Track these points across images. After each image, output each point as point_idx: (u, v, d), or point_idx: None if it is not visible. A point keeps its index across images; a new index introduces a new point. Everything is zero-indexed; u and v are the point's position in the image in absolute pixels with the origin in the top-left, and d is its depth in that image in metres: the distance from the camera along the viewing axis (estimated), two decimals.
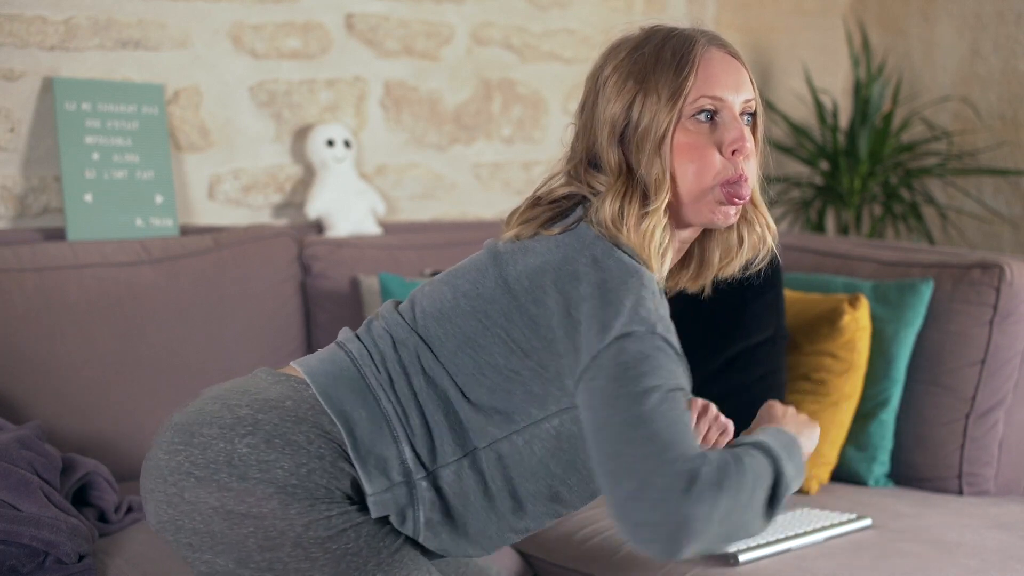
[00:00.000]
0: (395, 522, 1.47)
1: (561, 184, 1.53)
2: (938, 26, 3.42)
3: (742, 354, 2.31)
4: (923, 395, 2.41)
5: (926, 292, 2.41)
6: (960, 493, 2.37)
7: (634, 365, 1.33)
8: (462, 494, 1.48)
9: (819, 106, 3.45)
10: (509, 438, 1.47)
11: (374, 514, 1.45)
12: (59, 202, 2.58)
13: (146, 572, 1.86)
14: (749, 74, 1.51)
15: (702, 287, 1.66)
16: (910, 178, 3.36)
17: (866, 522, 2.08)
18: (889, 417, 2.41)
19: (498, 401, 1.46)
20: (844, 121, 3.59)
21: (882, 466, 2.41)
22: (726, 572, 1.87)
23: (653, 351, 1.34)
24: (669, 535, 1.26)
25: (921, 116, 3.42)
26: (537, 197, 1.53)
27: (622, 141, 1.49)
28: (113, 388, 2.33)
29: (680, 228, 1.52)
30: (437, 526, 1.48)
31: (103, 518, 2.02)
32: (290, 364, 1.56)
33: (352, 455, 1.44)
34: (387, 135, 3.04)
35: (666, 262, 1.48)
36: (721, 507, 1.27)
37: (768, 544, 1.93)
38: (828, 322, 2.39)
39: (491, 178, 3.24)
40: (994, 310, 2.36)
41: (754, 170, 1.51)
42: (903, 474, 2.43)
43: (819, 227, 3.47)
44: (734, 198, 1.47)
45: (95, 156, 2.56)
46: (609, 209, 1.45)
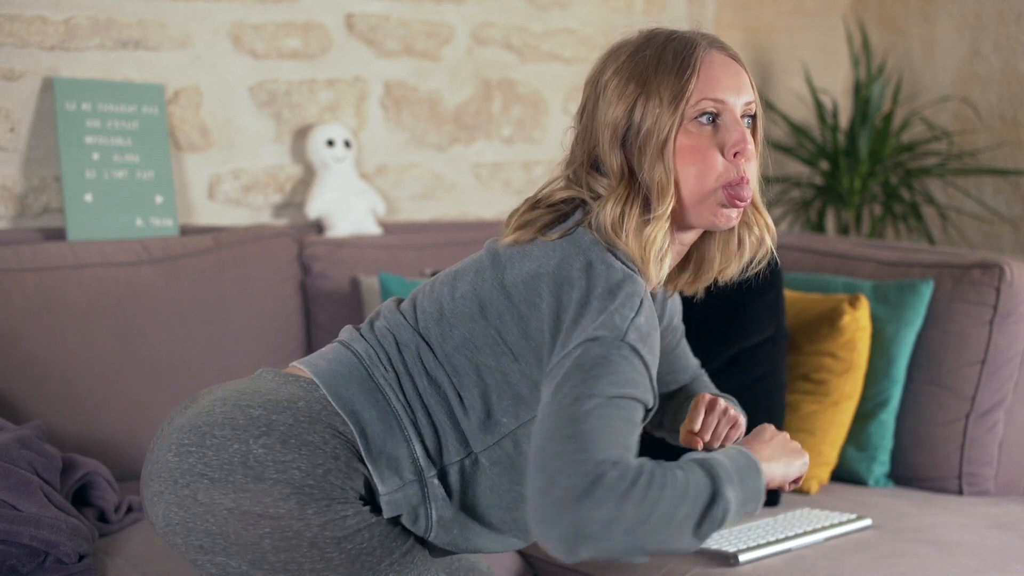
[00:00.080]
0: (407, 521, 1.47)
1: (560, 188, 1.53)
2: (938, 26, 3.41)
3: (742, 354, 2.31)
4: (923, 395, 2.41)
5: (926, 292, 2.41)
6: (960, 493, 2.37)
7: (590, 367, 1.33)
8: (469, 490, 1.49)
9: (819, 106, 3.45)
10: (499, 443, 1.48)
11: (386, 514, 1.46)
12: (59, 202, 2.58)
13: (146, 572, 1.86)
14: (749, 77, 1.51)
15: (696, 292, 1.66)
16: (910, 178, 3.36)
17: (866, 522, 2.08)
18: (889, 417, 2.41)
19: (490, 405, 1.48)
20: (844, 121, 3.59)
21: (882, 466, 2.41)
22: (726, 572, 1.87)
23: (616, 357, 1.34)
24: (563, 535, 1.26)
25: (921, 116, 3.42)
26: (536, 199, 1.53)
27: (624, 144, 1.49)
28: (113, 388, 2.33)
29: (681, 231, 1.52)
30: (449, 522, 1.49)
31: (103, 518, 2.02)
32: (292, 364, 1.56)
33: (364, 455, 1.45)
34: (387, 135, 3.04)
35: (665, 266, 1.48)
36: (627, 517, 1.25)
37: (768, 544, 1.93)
38: (828, 322, 2.39)
39: (491, 178, 3.24)
40: (994, 310, 2.36)
41: (754, 172, 1.51)
42: (903, 474, 2.43)
43: (819, 227, 3.47)
44: (736, 200, 1.47)
45: (95, 156, 2.56)
46: (610, 214, 1.45)
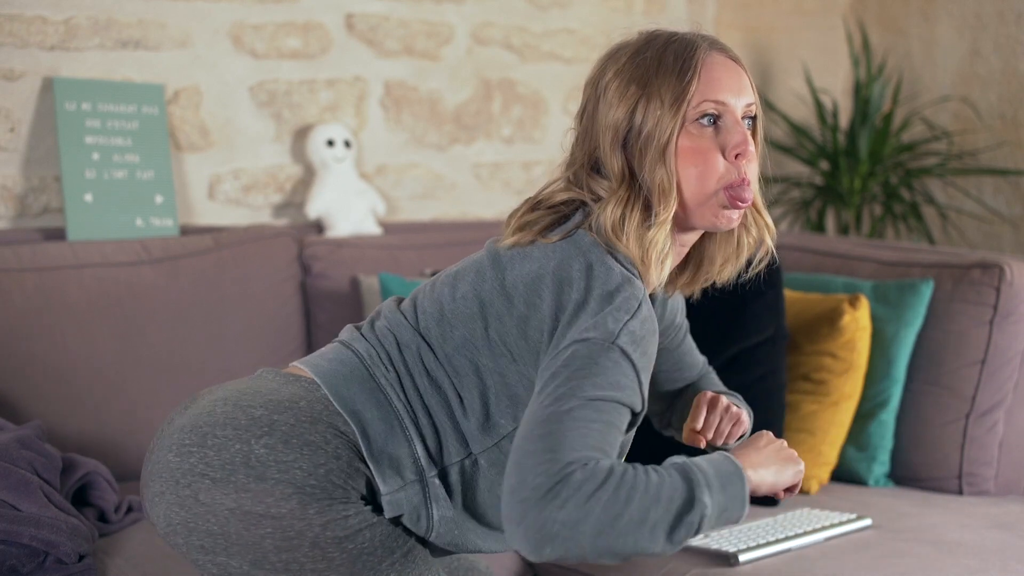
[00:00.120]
0: (408, 522, 1.47)
1: (560, 189, 1.53)
2: (938, 26, 3.41)
3: (742, 354, 2.31)
4: (923, 395, 2.41)
5: (926, 292, 2.41)
6: (960, 493, 2.37)
7: (575, 368, 1.34)
8: (469, 490, 1.49)
9: (819, 106, 3.45)
10: (498, 445, 1.48)
11: (388, 514, 1.46)
12: (59, 202, 2.58)
13: (146, 572, 1.86)
14: (749, 78, 1.51)
15: (692, 292, 1.66)
16: (910, 178, 3.36)
17: (866, 522, 2.08)
18: (889, 417, 2.41)
19: (488, 406, 1.48)
20: (844, 121, 3.59)
21: (882, 466, 2.41)
22: (726, 572, 1.87)
23: (603, 359, 1.34)
24: (526, 534, 1.26)
25: (921, 116, 3.42)
26: (537, 201, 1.53)
27: (625, 146, 1.48)
28: (113, 388, 2.33)
29: (682, 232, 1.52)
30: (450, 522, 1.49)
31: (103, 518, 2.02)
32: (292, 364, 1.56)
33: (366, 455, 1.45)
34: (387, 135, 3.04)
35: (666, 268, 1.48)
36: (593, 519, 1.25)
37: (768, 544, 1.93)
38: (828, 322, 2.39)
39: (491, 178, 3.24)
40: (994, 310, 2.36)
41: (755, 173, 1.51)
42: (903, 474, 2.43)
43: (819, 227, 3.47)
44: (737, 201, 1.47)
45: (95, 156, 2.56)
46: (611, 216, 1.45)
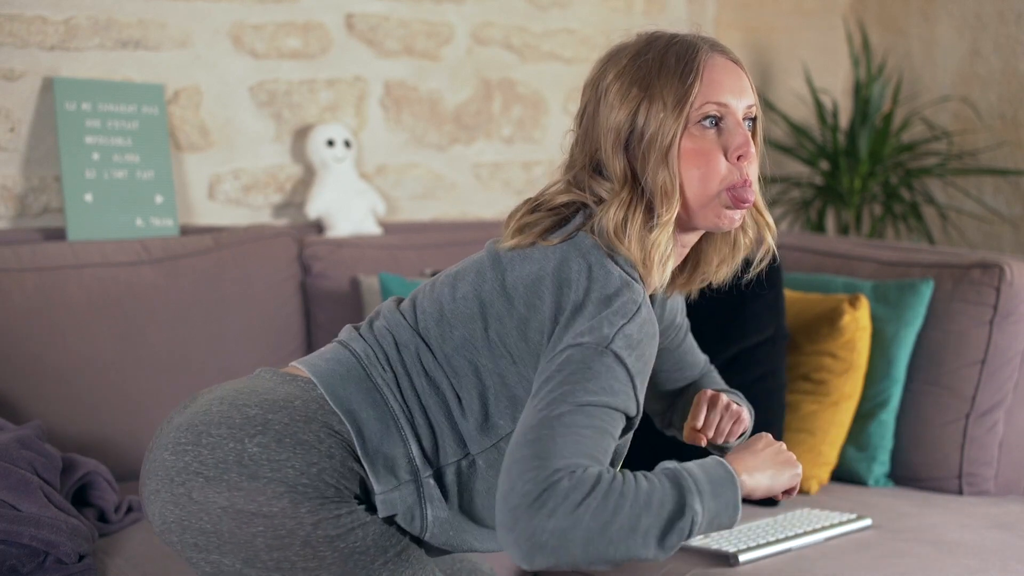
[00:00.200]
0: (402, 521, 1.47)
1: (561, 191, 1.53)
2: (938, 26, 3.41)
3: (742, 354, 2.31)
4: (923, 395, 2.41)
5: (926, 292, 2.41)
6: (960, 493, 2.37)
7: (568, 373, 1.34)
8: (466, 491, 1.49)
9: (819, 106, 3.45)
10: (496, 446, 1.48)
11: (381, 513, 1.46)
12: (59, 202, 2.58)
13: (146, 572, 1.86)
14: (750, 80, 1.51)
15: (689, 292, 1.66)
16: (910, 178, 3.36)
17: (866, 522, 2.08)
18: (889, 417, 2.41)
19: (488, 407, 1.48)
20: (844, 121, 3.59)
21: (882, 466, 2.41)
22: (726, 572, 1.87)
23: (596, 365, 1.34)
24: (517, 542, 1.27)
25: (921, 116, 3.42)
26: (537, 202, 1.53)
27: (627, 149, 1.48)
28: (113, 388, 2.33)
29: (683, 233, 1.52)
30: (444, 523, 1.49)
31: (103, 518, 2.02)
32: (291, 364, 1.57)
33: (361, 454, 1.45)
34: (387, 135, 3.04)
35: (667, 269, 1.48)
36: (583, 527, 1.26)
37: (768, 544, 1.93)
38: (828, 322, 2.39)
39: (491, 178, 3.24)
40: (994, 310, 2.35)
41: (755, 173, 1.51)
42: (903, 474, 2.43)
43: (819, 227, 3.47)
44: (740, 202, 1.47)
45: (95, 156, 2.56)
46: (613, 218, 1.45)
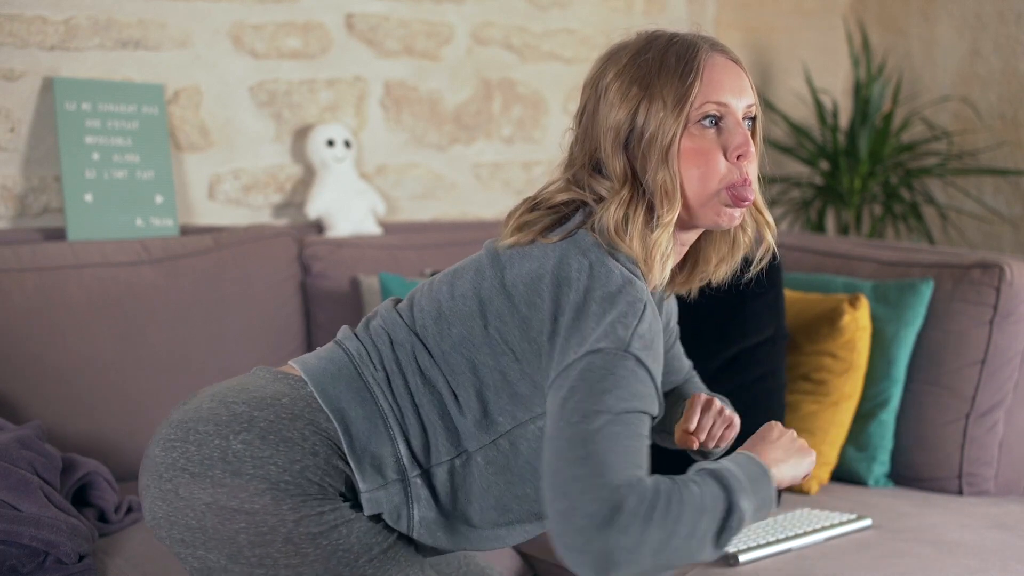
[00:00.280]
0: (389, 520, 1.47)
1: (560, 190, 1.53)
2: (938, 26, 3.41)
3: (742, 354, 2.31)
4: (923, 395, 2.41)
5: (926, 292, 2.41)
6: (960, 493, 2.37)
7: (595, 381, 1.33)
8: (456, 491, 1.49)
9: (819, 106, 3.45)
10: (496, 443, 1.48)
11: (367, 511, 1.46)
12: (59, 202, 2.58)
13: (146, 572, 1.86)
14: (749, 79, 1.51)
15: (689, 291, 1.66)
16: (910, 178, 3.36)
17: (866, 522, 2.08)
18: (889, 417, 2.41)
19: (486, 403, 1.47)
20: (844, 121, 3.59)
21: (882, 466, 2.41)
22: (726, 572, 1.87)
23: (620, 370, 1.34)
24: (593, 562, 1.26)
25: (921, 116, 3.42)
26: (536, 201, 1.53)
27: (627, 148, 1.48)
28: (113, 388, 2.33)
29: (683, 231, 1.52)
30: (432, 523, 1.48)
31: (103, 518, 2.02)
32: (288, 363, 1.57)
33: (348, 453, 1.45)
34: (387, 135, 3.04)
35: (668, 268, 1.48)
36: (652, 539, 1.26)
37: (768, 544, 1.93)
38: (828, 322, 2.39)
39: (491, 178, 3.24)
40: (994, 310, 2.35)
41: (755, 172, 1.51)
42: (903, 474, 2.43)
43: (819, 227, 3.47)
44: (740, 200, 1.47)
45: (95, 156, 2.56)
46: (613, 216, 1.45)
